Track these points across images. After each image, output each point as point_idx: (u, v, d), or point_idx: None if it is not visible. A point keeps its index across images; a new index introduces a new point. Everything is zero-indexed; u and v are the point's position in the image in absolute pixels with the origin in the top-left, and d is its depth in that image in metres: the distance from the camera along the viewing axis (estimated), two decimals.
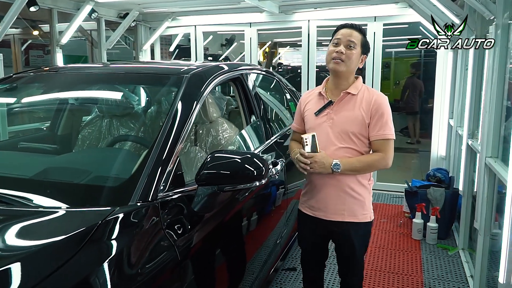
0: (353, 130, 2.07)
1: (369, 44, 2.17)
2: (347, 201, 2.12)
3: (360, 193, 2.13)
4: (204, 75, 2.35)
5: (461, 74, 4.27)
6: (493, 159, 2.72)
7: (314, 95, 2.24)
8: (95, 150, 2.44)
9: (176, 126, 1.87)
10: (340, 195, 2.12)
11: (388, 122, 2.07)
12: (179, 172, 1.78)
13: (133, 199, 1.54)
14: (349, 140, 2.08)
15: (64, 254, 1.24)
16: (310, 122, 2.19)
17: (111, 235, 1.36)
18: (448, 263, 3.56)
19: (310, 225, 2.25)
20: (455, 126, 4.38)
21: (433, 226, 3.93)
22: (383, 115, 2.06)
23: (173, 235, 1.56)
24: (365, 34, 2.15)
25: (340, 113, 2.11)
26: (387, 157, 2.07)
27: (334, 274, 3.38)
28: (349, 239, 2.18)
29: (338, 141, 2.09)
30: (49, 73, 2.53)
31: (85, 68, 2.63)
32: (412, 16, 5.19)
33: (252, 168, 1.79)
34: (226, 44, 11.35)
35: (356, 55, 2.09)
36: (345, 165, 2.03)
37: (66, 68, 2.72)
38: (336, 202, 2.13)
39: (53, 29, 5.14)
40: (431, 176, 4.68)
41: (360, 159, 2.07)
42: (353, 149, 2.09)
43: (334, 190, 2.12)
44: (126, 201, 1.52)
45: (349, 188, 2.11)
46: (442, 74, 5.23)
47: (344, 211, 2.13)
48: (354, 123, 2.07)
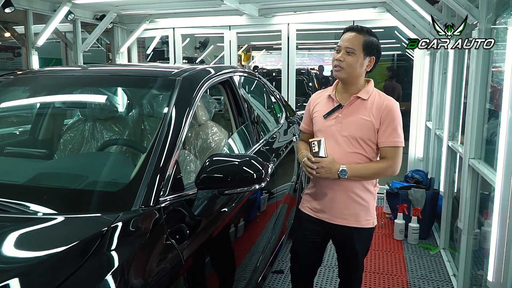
0: (361, 136, 2.05)
1: (376, 45, 2.09)
2: (351, 206, 2.11)
3: (365, 198, 2.12)
4: (196, 78, 2.32)
5: (439, 77, 4.38)
6: (476, 160, 2.80)
7: (324, 96, 2.22)
8: (90, 155, 2.37)
9: (174, 130, 1.84)
10: (345, 200, 2.11)
11: (397, 129, 2.05)
12: (178, 176, 1.76)
13: (135, 204, 1.50)
14: (357, 145, 2.06)
15: (71, 264, 1.19)
16: (318, 124, 2.17)
17: (118, 242, 1.32)
18: (431, 263, 3.64)
19: (309, 226, 2.24)
20: (434, 129, 4.49)
21: (414, 227, 4.01)
22: (394, 121, 2.04)
23: (176, 240, 1.53)
24: (370, 35, 2.07)
25: (349, 118, 2.08)
26: (395, 165, 2.05)
27: (327, 277, 3.40)
28: (351, 244, 2.17)
29: (346, 145, 2.07)
30: (35, 75, 2.45)
31: (73, 71, 2.56)
32: (389, 21, 5.30)
33: (251, 171, 1.78)
34: (199, 47, 11.31)
35: (357, 60, 2.04)
36: (352, 171, 2.01)
37: (52, 70, 2.65)
38: (341, 206, 2.12)
39: (29, 30, 4.99)
40: (409, 178, 4.79)
41: (368, 167, 2.06)
42: (361, 154, 2.07)
43: (339, 194, 2.11)
44: (129, 206, 1.49)
45: (354, 194, 2.10)
46: (419, 78, 5.35)
47: (348, 215, 2.12)
48: (363, 129, 2.05)
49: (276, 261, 3.16)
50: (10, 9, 4.53)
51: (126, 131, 2.73)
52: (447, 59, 4.17)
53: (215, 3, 5.12)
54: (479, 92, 2.79)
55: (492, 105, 2.82)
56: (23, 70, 2.63)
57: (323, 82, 11.99)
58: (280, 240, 3.27)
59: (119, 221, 1.37)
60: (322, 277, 3.39)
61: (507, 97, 2.12)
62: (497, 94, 2.69)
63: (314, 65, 15.01)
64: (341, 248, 2.27)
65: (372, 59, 2.09)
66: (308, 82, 8.80)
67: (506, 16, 2.57)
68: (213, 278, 1.83)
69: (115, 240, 1.32)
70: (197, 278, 1.62)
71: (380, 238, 4.15)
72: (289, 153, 3.51)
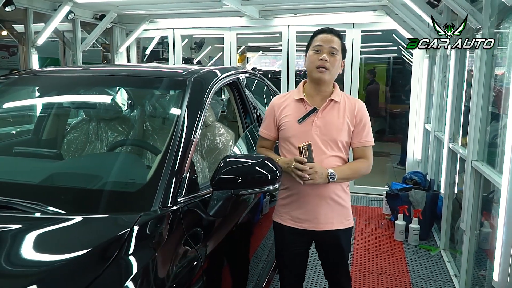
0: (341, 138, 2.05)
1: (345, 46, 2.12)
2: (335, 209, 2.09)
3: (345, 199, 2.13)
4: (206, 79, 2.34)
5: (439, 80, 4.43)
6: (479, 162, 2.84)
7: (290, 100, 2.14)
8: (105, 155, 2.37)
9: (188, 130, 1.86)
10: (329, 204, 2.08)
11: (369, 129, 2.11)
12: (194, 177, 1.77)
13: (155, 204, 1.52)
14: (337, 148, 2.06)
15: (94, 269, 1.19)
16: (292, 129, 2.09)
17: (140, 243, 1.34)
18: (432, 263, 3.68)
19: (293, 237, 2.15)
20: (433, 131, 4.54)
21: (415, 228, 4.05)
22: (366, 123, 2.10)
23: (194, 241, 1.55)
24: (342, 38, 2.09)
25: (326, 121, 2.06)
26: (371, 164, 2.12)
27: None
28: (338, 246, 2.15)
29: (327, 149, 2.05)
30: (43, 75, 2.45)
31: (80, 71, 2.57)
32: (388, 24, 5.35)
33: (265, 172, 1.80)
34: (195, 48, 11.29)
35: (338, 62, 2.05)
36: (339, 174, 1.99)
37: (58, 70, 2.65)
38: (326, 212, 2.08)
39: (29, 29, 4.97)
40: (408, 179, 4.83)
41: (350, 167, 2.08)
42: (339, 156, 2.07)
43: (323, 200, 2.07)
44: (148, 206, 1.50)
45: (336, 196, 2.09)
46: (418, 80, 5.41)
47: (333, 219, 2.10)
48: (341, 131, 2.06)
49: None
50: (10, 8, 4.52)
51: (132, 132, 2.74)
52: (446, 62, 4.23)
53: (215, 4, 5.14)
54: (482, 95, 2.84)
55: (495, 108, 2.87)
56: (30, 70, 2.64)
57: None
58: None
59: (140, 222, 1.39)
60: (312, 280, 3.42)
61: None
62: (500, 97, 2.73)
63: None
64: (327, 252, 2.21)
65: (343, 63, 2.12)
66: None
67: (510, 21, 2.62)
68: (228, 278, 1.85)
69: (136, 242, 1.32)
70: (215, 280, 1.63)
71: (381, 239, 4.19)
72: None
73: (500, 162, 2.53)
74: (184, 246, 1.48)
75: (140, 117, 2.78)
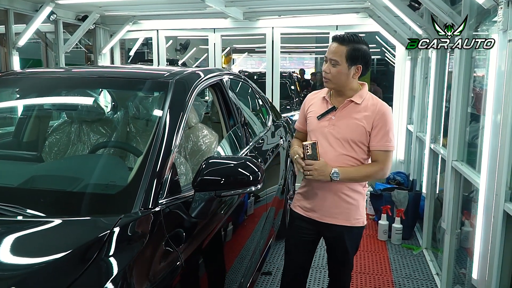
0: (353, 138, 2.10)
1: (362, 52, 2.06)
2: (341, 206, 2.17)
3: (355, 198, 2.18)
4: (188, 80, 2.34)
5: (420, 82, 4.50)
6: (459, 162, 2.89)
7: (319, 98, 2.27)
8: (85, 157, 2.35)
9: (170, 132, 1.86)
10: (335, 199, 2.16)
11: (389, 133, 2.10)
12: (175, 179, 1.77)
13: (135, 206, 1.51)
14: (349, 147, 2.11)
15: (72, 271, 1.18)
16: (312, 124, 2.22)
17: (119, 246, 1.33)
18: (414, 262, 3.73)
19: (301, 225, 2.28)
20: (415, 132, 4.60)
21: (398, 227, 4.10)
22: (386, 125, 2.09)
23: (175, 243, 1.55)
24: (355, 43, 2.06)
25: (342, 120, 2.13)
26: (385, 168, 2.11)
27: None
28: (342, 243, 2.23)
29: (338, 147, 2.12)
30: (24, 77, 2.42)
31: (61, 73, 2.55)
32: (371, 26, 5.40)
33: (247, 173, 1.81)
34: (180, 49, 11.25)
35: (341, 71, 2.07)
36: (343, 174, 2.05)
37: (38, 72, 2.62)
38: (331, 206, 2.17)
39: (9, 30, 4.90)
40: (391, 179, 4.89)
41: (359, 170, 2.11)
42: (351, 156, 2.12)
43: (329, 194, 2.16)
44: (129, 209, 1.50)
45: (343, 194, 2.15)
46: (400, 82, 5.47)
47: (338, 214, 2.17)
48: (355, 132, 2.10)
49: (264, 263, 3.20)
50: None
51: (114, 134, 2.72)
52: (428, 64, 4.29)
53: (200, 5, 5.12)
54: (462, 97, 2.89)
55: (474, 109, 2.92)
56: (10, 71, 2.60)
57: (304, 86, 12.09)
58: (269, 242, 3.31)
59: (120, 224, 1.38)
60: (311, 277, 3.44)
61: (490, 102, 2.21)
62: (479, 98, 2.78)
63: (295, 68, 15.12)
64: (332, 247, 2.32)
65: (358, 68, 2.09)
66: (290, 85, 8.87)
67: (488, 23, 2.67)
68: (210, 280, 1.85)
69: (117, 243, 1.32)
70: (195, 281, 1.63)
71: (364, 239, 4.22)
72: (276, 156, 3.55)
73: (479, 162, 2.57)
74: (165, 248, 1.48)
75: (123, 119, 2.77)
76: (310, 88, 11.80)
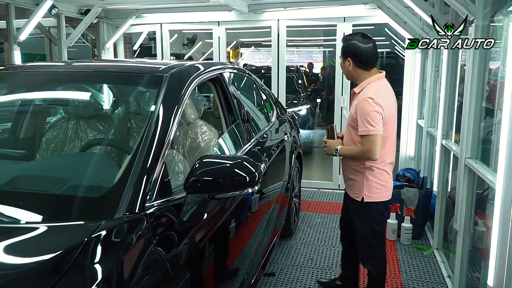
0: (351, 123, 2.54)
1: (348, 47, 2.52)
2: (348, 180, 2.66)
3: (356, 175, 2.59)
4: (185, 74, 2.22)
5: (431, 75, 4.32)
6: (473, 160, 2.73)
7: None
8: (72, 156, 2.24)
9: (162, 129, 1.73)
10: (346, 174, 2.68)
11: (363, 120, 2.40)
12: (166, 180, 1.65)
13: (119, 211, 1.39)
14: (351, 131, 2.55)
15: (46, 280, 1.07)
16: None
17: (99, 253, 1.21)
18: (425, 264, 3.57)
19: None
20: (426, 127, 4.43)
21: (407, 227, 3.94)
22: (361, 113, 2.41)
23: (163, 250, 1.42)
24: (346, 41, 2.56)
25: (350, 108, 2.64)
26: (365, 151, 2.43)
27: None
28: (350, 212, 2.72)
29: (347, 131, 2.62)
30: (14, 71, 2.31)
31: (55, 67, 2.43)
32: (380, 17, 5.22)
33: (244, 174, 1.68)
34: (187, 44, 11.14)
35: (342, 64, 2.62)
36: (341, 151, 2.56)
37: (31, 66, 2.50)
38: (345, 179, 2.72)
39: (10, 25, 4.80)
40: (401, 176, 4.73)
41: (350, 149, 2.55)
42: (352, 139, 2.55)
43: (345, 170, 2.69)
44: (112, 213, 1.37)
45: (349, 171, 2.63)
46: (410, 75, 5.29)
47: (347, 186, 2.71)
48: (350, 118, 2.55)
49: (268, 263, 3.07)
50: None
51: (112, 130, 2.60)
52: (439, 56, 4.11)
53: None
54: (476, 91, 2.72)
55: (489, 103, 2.76)
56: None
57: (312, 80, 11.90)
58: (272, 241, 3.18)
59: (101, 230, 1.26)
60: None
61: (508, 96, 2.05)
62: (494, 92, 2.62)
63: (303, 62, 14.93)
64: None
65: (349, 60, 2.53)
66: (297, 79, 8.70)
67: (505, 12, 2.50)
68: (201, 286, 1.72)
69: (96, 251, 1.20)
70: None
71: None
72: (280, 152, 3.41)
73: (494, 160, 2.42)
74: (151, 256, 1.35)
75: (120, 114, 2.65)
76: (319, 83, 11.61)
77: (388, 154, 2.56)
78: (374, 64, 2.57)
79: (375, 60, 2.57)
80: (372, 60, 2.53)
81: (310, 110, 8.04)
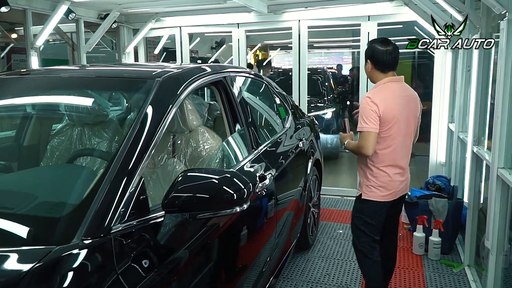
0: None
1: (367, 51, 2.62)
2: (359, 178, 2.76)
3: (360, 172, 2.70)
4: (179, 78, 2.05)
5: (463, 75, 3.99)
6: (507, 171, 2.43)
7: None
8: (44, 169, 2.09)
9: (144, 140, 1.56)
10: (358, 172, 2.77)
11: (359, 117, 2.52)
12: (142, 197, 1.46)
13: (78, 234, 1.21)
14: None
15: None
16: None
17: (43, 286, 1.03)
18: (454, 282, 3.26)
19: None
20: (457, 131, 4.10)
21: (436, 241, 3.63)
22: (360, 111, 2.53)
23: (130, 281, 1.23)
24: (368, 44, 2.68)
25: None
26: (360, 146, 2.53)
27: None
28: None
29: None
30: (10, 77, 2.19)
31: (44, 72, 2.31)
32: (407, 15, 4.92)
33: (231, 191, 1.48)
34: (216, 47, 11.06)
35: (365, 66, 2.69)
36: (347, 145, 2.67)
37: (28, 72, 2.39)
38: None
39: (28, 31, 4.79)
40: (431, 184, 4.39)
41: (352, 144, 2.65)
42: None
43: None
44: (69, 238, 1.20)
45: (358, 169, 2.74)
46: (440, 76, 4.96)
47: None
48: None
49: (278, 278, 2.84)
50: (6, 8, 4.35)
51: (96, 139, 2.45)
52: (471, 55, 3.78)
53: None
54: (509, 92, 2.42)
55: None
56: None
57: (341, 82, 11.55)
58: (285, 255, 2.96)
59: (47, 260, 1.08)
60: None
61: None
62: None
63: (333, 64, 14.58)
64: None
65: (368, 62, 2.63)
66: (323, 81, 8.40)
67: None
68: None
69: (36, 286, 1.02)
70: None
71: (397, 252, 3.77)
72: (294, 159, 3.19)
73: None
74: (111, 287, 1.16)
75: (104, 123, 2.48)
76: (347, 85, 11.26)
77: (389, 156, 2.56)
78: (392, 67, 2.60)
79: (394, 63, 2.59)
80: (390, 63, 2.57)
81: (336, 113, 7.74)
